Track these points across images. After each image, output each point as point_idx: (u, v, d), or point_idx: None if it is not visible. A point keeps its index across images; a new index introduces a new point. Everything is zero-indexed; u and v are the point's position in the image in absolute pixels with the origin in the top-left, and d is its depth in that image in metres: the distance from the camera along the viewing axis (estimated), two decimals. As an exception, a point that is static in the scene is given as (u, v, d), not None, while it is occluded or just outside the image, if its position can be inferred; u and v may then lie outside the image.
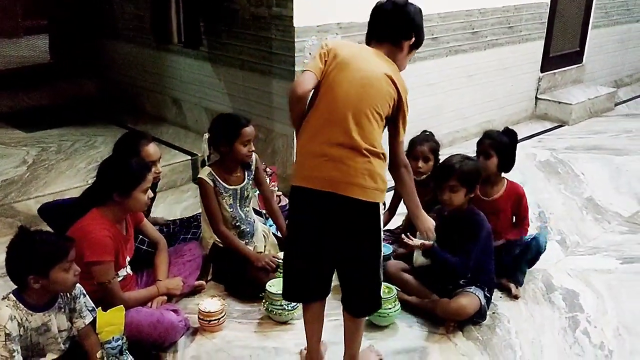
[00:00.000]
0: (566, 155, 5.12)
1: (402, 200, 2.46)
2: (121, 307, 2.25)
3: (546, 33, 5.94)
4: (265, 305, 2.82)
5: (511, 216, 3.16)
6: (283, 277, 2.36)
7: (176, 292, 2.84)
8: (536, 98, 6.17)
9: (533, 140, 5.55)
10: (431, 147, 3.22)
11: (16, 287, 2.22)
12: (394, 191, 3.34)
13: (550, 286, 3.15)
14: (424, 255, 2.84)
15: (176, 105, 5.08)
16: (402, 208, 2.80)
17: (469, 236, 2.74)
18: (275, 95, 4.04)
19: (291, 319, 2.81)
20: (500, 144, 3.09)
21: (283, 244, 3.26)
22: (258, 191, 3.39)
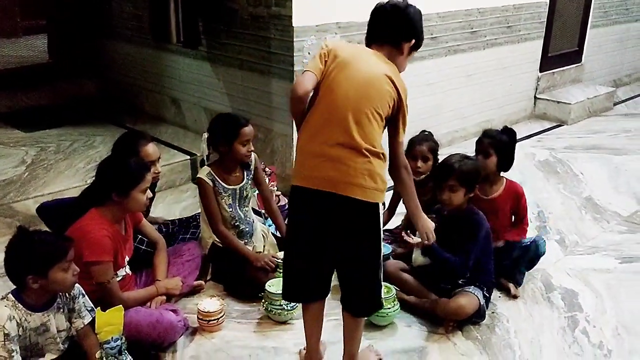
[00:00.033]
0: (565, 154, 5.12)
1: (402, 200, 2.47)
2: (120, 307, 2.25)
3: (545, 33, 5.94)
4: (264, 305, 2.82)
5: (510, 215, 3.16)
6: (283, 278, 2.36)
7: (175, 292, 2.84)
8: (535, 98, 6.17)
9: (532, 139, 5.55)
10: (430, 147, 3.22)
11: (15, 287, 2.22)
12: (393, 191, 3.35)
13: (549, 286, 3.15)
14: (424, 254, 2.84)
15: (175, 105, 5.08)
16: (402, 207, 2.80)
17: (468, 236, 2.74)
18: (274, 95, 4.04)
19: (290, 319, 2.81)
20: (499, 143, 3.09)
21: (282, 244, 3.27)
22: (257, 191, 3.39)
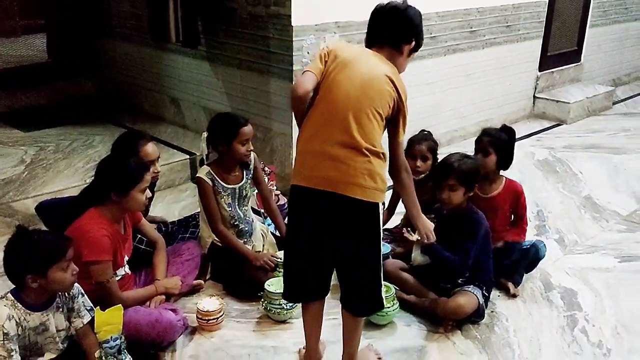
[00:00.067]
0: (564, 154, 5.12)
1: (401, 200, 2.47)
2: (119, 307, 2.25)
3: (544, 32, 5.94)
4: (263, 304, 2.82)
5: (509, 214, 3.16)
6: (284, 278, 2.36)
7: (174, 292, 2.84)
8: (534, 97, 6.17)
9: (531, 139, 5.55)
10: (429, 146, 3.22)
11: (14, 287, 2.22)
12: (393, 190, 3.35)
13: (548, 285, 3.15)
14: (423, 252, 2.84)
15: (174, 104, 5.08)
16: (401, 207, 2.80)
17: (468, 235, 2.74)
18: (273, 94, 4.04)
19: (290, 318, 2.81)
20: (498, 141, 3.09)
21: (281, 243, 3.27)
22: (256, 190, 3.39)
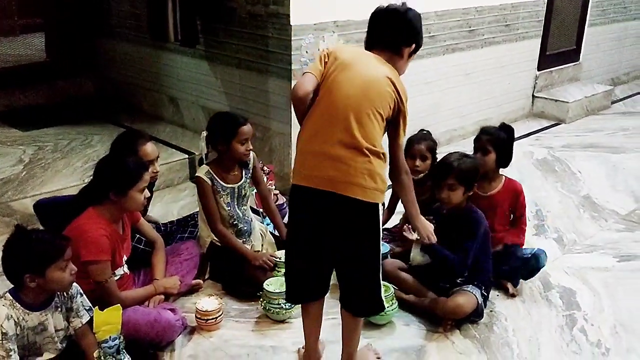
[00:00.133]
0: (563, 153, 5.12)
1: (401, 201, 2.46)
2: (118, 307, 2.25)
3: (543, 31, 5.94)
4: (262, 304, 2.82)
5: (509, 213, 3.16)
6: (285, 279, 2.36)
7: (173, 291, 2.83)
8: (533, 96, 6.17)
9: (530, 138, 5.55)
10: (428, 146, 3.21)
11: (13, 286, 2.22)
12: (392, 190, 3.34)
13: (547, 284, 3.15)
14: (423, 251, 2.84)
15: (173, 103, 5.07)
16: (401, 207, 2.79)
17: (467, 234, 2.74)
18: (272, 93, 4.03)
19: (289, 318, 2.80)
20: (498, 140, 3.09)
21: (280, 243, 3.27)
22: (255, 190, 3.39)
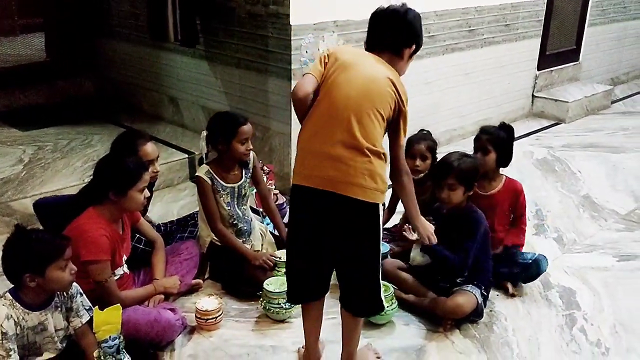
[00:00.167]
0: (563, 153, 5.12)
1: (401, 202, 2.46)
2: (118, 306, 2.25)
3: (543, 31, 5.95)
4: (262, 303, 2.82)
5: (509, 213, 3.15)
6: (286, 280, 2.36)
7: (173, 291, 2.83)
8: (533, 96, 6.17)
9: (530, 138, 5.55)
10: (428, 146, 3.21)
11: (12, 286, 2.22)
12: (393, 190, 3.34)
13: (547, 284, 3.15)
14: (423, 251, 2.84)
15: (173, 103, 5.07)
16: (401, 206, 2.79)
17: (467, 234, 2.74)
18: (271, 93, 4.04)
19: (289, 317, 2.81)
20: (498, 139, 3.09)
21: (280, 243, 3.27)
22: (255, 190, 3.39)
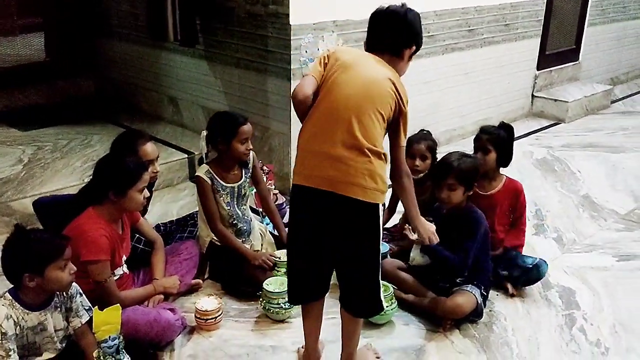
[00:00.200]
0: (563, 152, 5.12)
1: (401, 203, 2.45)
2: (117, 306, 2.25)
3: (542, 31, 5.95)
4: (262, 303, 2.82)
5: (509, 212, 3.14)
6: (287, 280, 2.35)
7: (173, 291, 2.83)
8: (532, 96, 6.18)
9: (530, 137, 5.55)
10: (428, 146, 3.21)
11: (12, 286, 2.22)
12: (393, 190, 3.34)
13: (546, 284, 3.15)
14: (423, 252, 2.84)
15: (172, 103, 5.07)
16: (401, 206, 2.79)
17: (467, 234, 2.74)
18: (271, 93, 4.03)
19: (288, 318, 2.81)
20: (498, 139, 3.09)
21: (280, 243, 3.27)
22: (255, 189, 3.39)
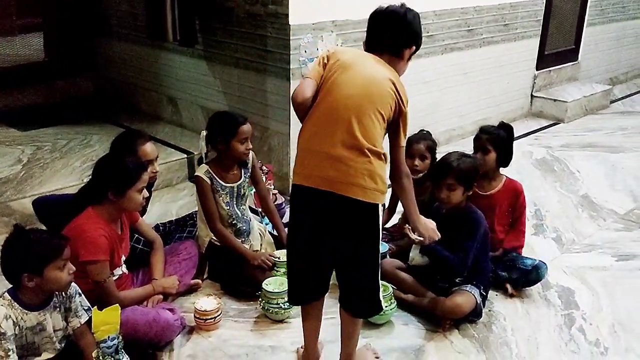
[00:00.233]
0: (562, 152, 5.13)
1: (401, 204, 2.44)
2: (117, 306, 2.25)
3: (541, 31, 5.95)
4: (261, 303, 2.82)
5: (508, 213, 3.14)
6: (287, 280, 2.35)
7: (172, 291, 2.83)
8: (532, 96, 6.18)
9: (529, 137, 5.56)
10: (428, 146, 3.20)
11: (11, 286, 2.22)
12: (393, 191, 3.34)
13: (545, 284, 3.14)
14: (422, 252, 2.84)
15: (172, 103, 5.07)
16: (401, 206, 2.80)
17: (467, 234, 2.74)
18: (270, 93, 4.03)
19: (287, 318, 2.80)
20: (497, 139, 3.09)
21: (279, 243, 3.27)
22: (254, 189, 3.39)
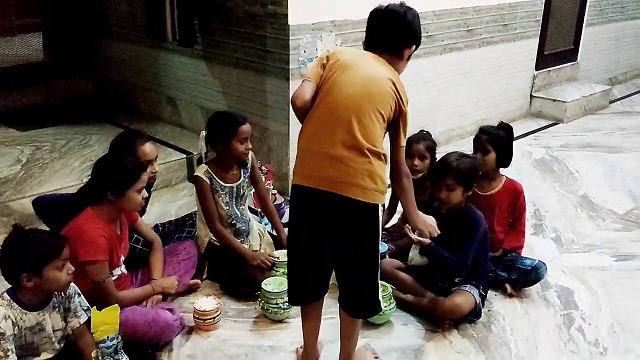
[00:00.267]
0: (561, 153, 5.13)
1: (400, 204, 2.44)
2: (116, 307, 2.25)
3: (541, 31, 5.96)
4: (260, 303, 2.82)
5: (508, 213, 3.14)
6: (287, 281, 2.35)
7: (171, 291, 2.83)
8: (531, 96, 6.18)
9: (528, 138, 5.56)
10: (427, 146, 3.21)
11: (10, 286, 2.21)
12: (392, 191, 3.33)
13: (545, 284, 3.15)
14: (422, 253, 2.84)
15: (171, 103, 5.07)
16: (400, 206, 2.80)
17: (467, 234, 2.74)
18: (269, 93, 4.03)
19: (287, 318, 2.81)
20: (497, 139, 3.09)
21: (278, 243, 3.27)
22: (254, 189, 3.39)
